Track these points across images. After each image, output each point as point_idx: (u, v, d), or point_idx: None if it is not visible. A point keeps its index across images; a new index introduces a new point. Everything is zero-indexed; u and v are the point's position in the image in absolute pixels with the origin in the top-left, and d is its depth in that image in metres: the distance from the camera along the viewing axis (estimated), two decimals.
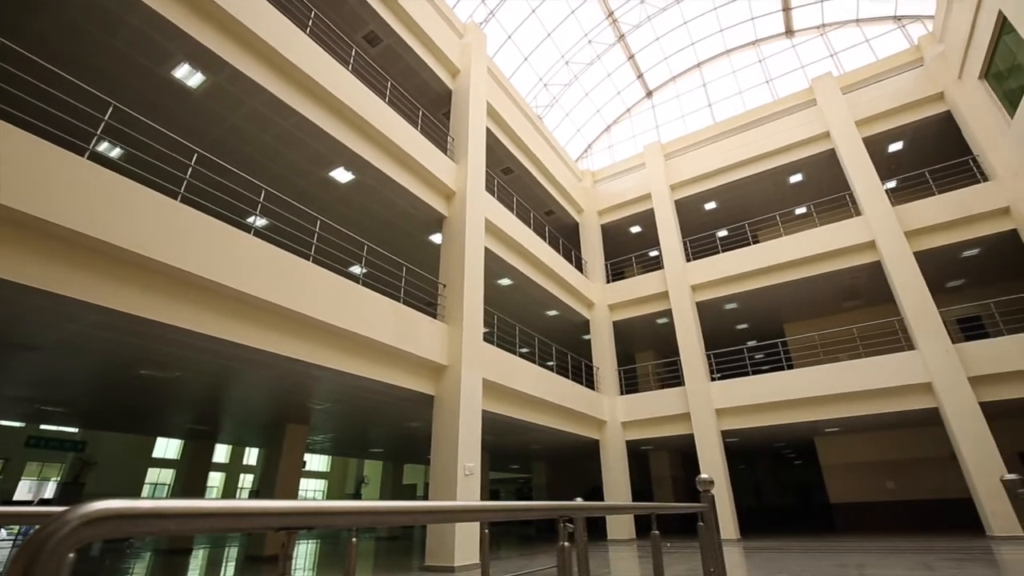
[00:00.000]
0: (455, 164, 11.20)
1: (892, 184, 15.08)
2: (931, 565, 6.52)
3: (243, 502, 1.01)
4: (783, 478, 25.34)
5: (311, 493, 34.62)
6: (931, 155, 14.66)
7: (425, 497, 20.20)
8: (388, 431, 14.21)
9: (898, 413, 11.79)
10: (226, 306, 6.13)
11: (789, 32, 20.08)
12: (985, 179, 12.48)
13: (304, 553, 12.84)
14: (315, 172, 9.35)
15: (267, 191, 7.66)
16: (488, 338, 11.38)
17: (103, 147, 7.91)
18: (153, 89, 7.44)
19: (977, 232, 12.05)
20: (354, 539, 1.79)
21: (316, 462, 34.79)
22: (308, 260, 7.17)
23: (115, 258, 5.19)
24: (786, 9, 19.40)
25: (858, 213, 13.56)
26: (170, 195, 5.71)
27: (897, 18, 17.78)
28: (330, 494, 35.45)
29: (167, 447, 26.55)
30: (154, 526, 0.82)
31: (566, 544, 2.17)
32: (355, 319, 7.48)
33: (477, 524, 7.72)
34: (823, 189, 15.91)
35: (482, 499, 12.66)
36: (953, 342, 11.32)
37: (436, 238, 11.42)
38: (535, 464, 23.76)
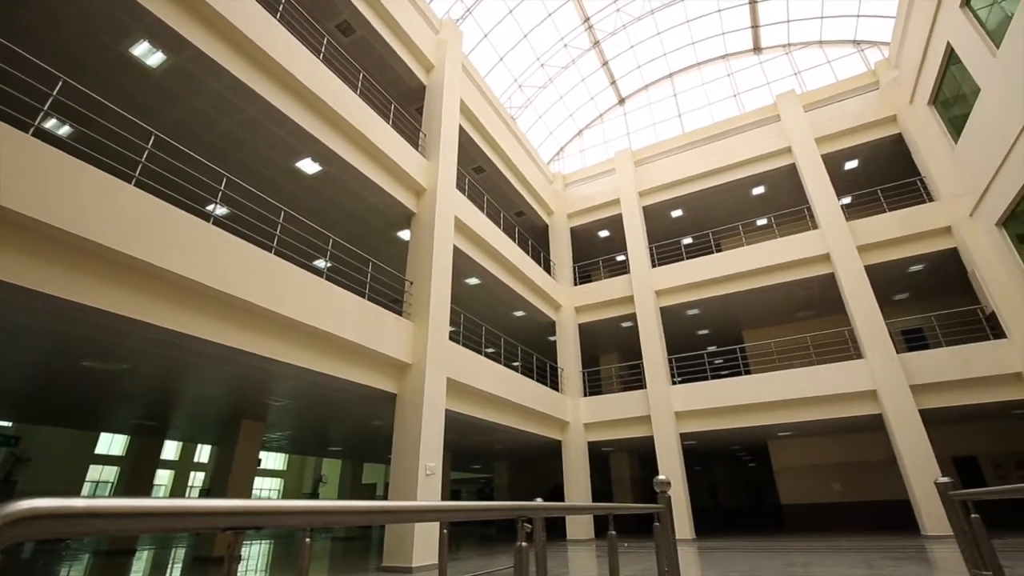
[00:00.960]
0: (426, 160, 11.09)
1: (847, 200, 15.78)
2: (871, 563, 6.85)
3: (184, 501, 0.96)
4: (737, 480, 26.19)
5: (266, 492, 33.60)
6: (884, 174, 15.44)
7: (385, 497, 19.92)
8: (349, 429, 13.94)
9: (846, 419, 12.34)
10: (180, 296, 5.87)
11: (757, 49, 20.77)
12: (931, 199, 13.21)
13: (256, 554, 12.45)
14: (281, 162, 9.09)
15: (229, 179, 7.38)
16: (454, 337, 11.31)
17: (50, 124, 7.47)
18: (108, 66, 7.07)
19: (922, 249, 12.75)
20: (308, 539, 1.74)
21: (272, 460, 33.81)
22: (271, 252, 6.96)
23: (53, 239, 4.87)
24: (754, 26, 20.06)
25: (815, 226, 14.14)
26: (124, 178, 5.44)
27: (856, 42, 18.64)
28: (286, 493, 34.51)
29: (111, 443, 25.25)
30: (88, 526, 0.77)
31: (524, 544, 2.17)
32: (318, 314, 7.30)
33: (437, 524, 7.65)
34: (783, 202, 16.53)
35: (443, 499, 12.58)
36: (897, 352, 11.93)
37: (405, 234, 11.28)
38: (497, 464, 23.77)
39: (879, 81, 14.85)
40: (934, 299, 15.01)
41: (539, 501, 2.94)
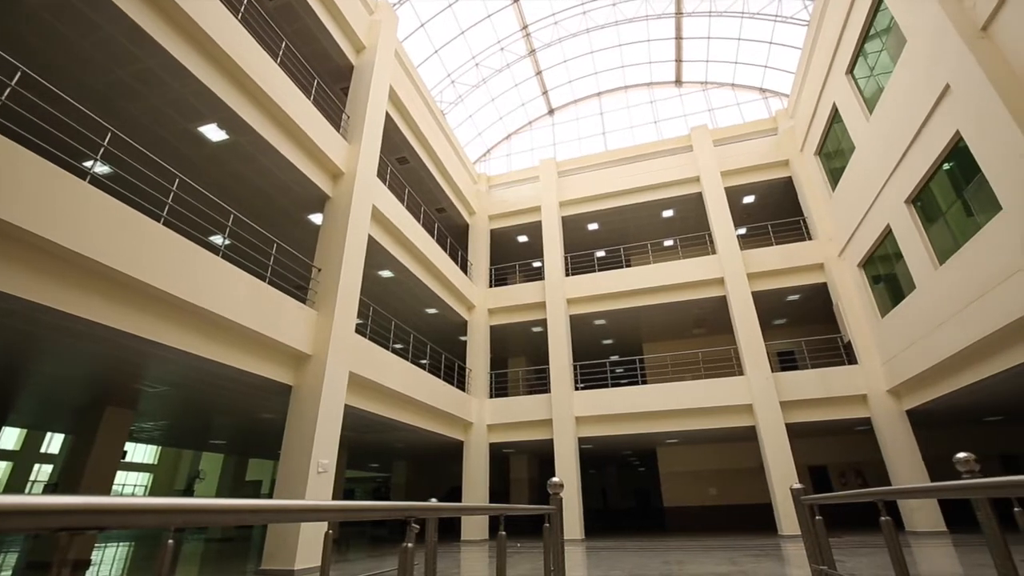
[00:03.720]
0: (347, 144, 10.59)
1: (743, 231, 17.37)
2: (735, 560, 7.53)
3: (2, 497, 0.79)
4: (627, 483, 27.70)
5: (130, 488, 30.13)
6: (774, 211, 17.18)
7: (271, 495, 18.69)
8: (235, 421, 12.89)
9: (726, 429, 13.51)
10: (27, 256, 5.02)
11: (678, 82, 22.27)
12: (810, 238, 14.89)
13: (111, 557, 11.10)
14: (181, 123, 8.21)
15: (115, 134, 6.52)
16: (361, 330, 10.89)
17: None
18: None
19: (799, 281, 14.33)
20: (170, 541, 1.54)
21: (141, 453, 30.41)
22: (159, 222, 6.23)
23: None
24: (678, 60, 21.49)
25: (714, 252, 15.39)
26: None
27: (762, 90, 20.62)
28: (155, 489, 31.17)
29: None
30: None
31: (410, 546, 2.10)
32: (208, 293, 6.66)
33: (324, 524, 7.30)
34: (689, 226, 17.82)
35: (336, 498, 12.01)
36: (772, 371, 13.30)
37: (317, 218, 10.67)
38: (396, 463, 23.22)
39: (778, 128, 16.51)
40: (805, 326, 16.93)
41: (433, 501, 2.88)
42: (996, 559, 2.02)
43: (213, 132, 8.42)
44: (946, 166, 9.12)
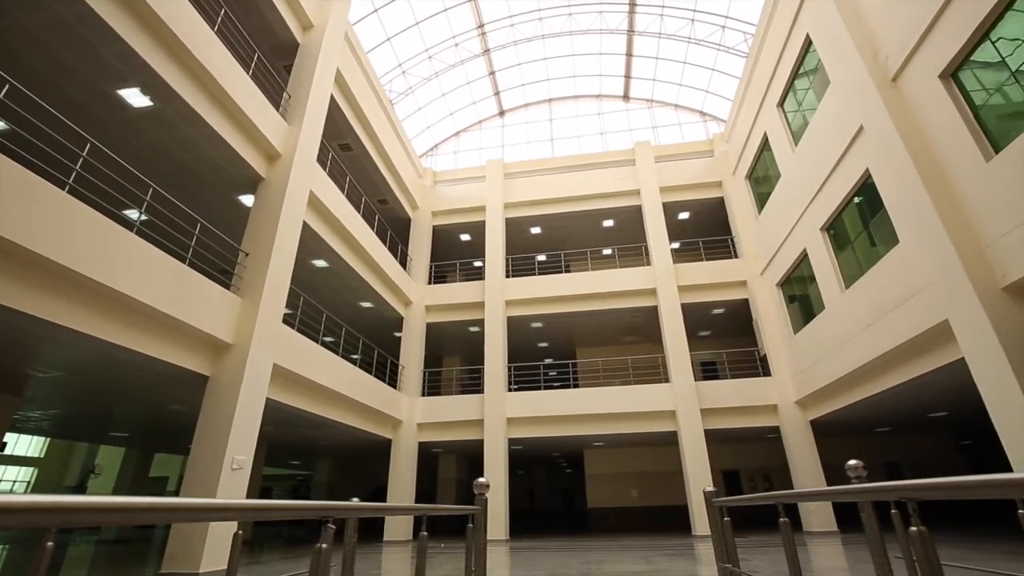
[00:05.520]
0: (287, 124, 10.09)
1: (676, 245, 18.21)
2: (650, 559, 7.86)
3: None
4: (554, 484, 28.20)
5: (8, 485, 27.01)
6: (707, 228, 18.15)
7: (178, 492, 17.40)
8: (142, 412, 11.90)
9: (650, 433, 14.08)
10: None
11: (626, 97, 23.03)
12: (736, 256, 15.85)
13: None
14: (98, 84, 7.47)
15: (13, 85, 5.81)
16: (289, 320, 10.40)
17: None
18: None
19: (724, 296, 15.22)
20: (50, 544, 1.37)
21: (24, 445, 27.34)
22: (63, 189, 5.63)
23: None
24: (627, 76, 22.23)
25: (648, 263, 16.02)
26: None
27: (703, 113, 21.74)
28: (40, 486, 28.09)
29: None
30: None
31: (324, 547, 2.00)
32: (116, 271, 6.09)
33: (234, 524, 6.88)
34: (627, 237, 18.45)
35: (251, 497, 11.35)
36: (696, 380, 14.02)
37: (249, 200, 10.08)
38: (320, 461, 22.36)
39: (714, 150, 17.46)
40: (727, 338, 18.00)
41: (355, 501, 2.78)
42: (874, 556, 2.22)
43: (135, 97, 7.73)
44: (856, 199, 10.01)
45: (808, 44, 11.18)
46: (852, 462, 2.34)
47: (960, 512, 16.37)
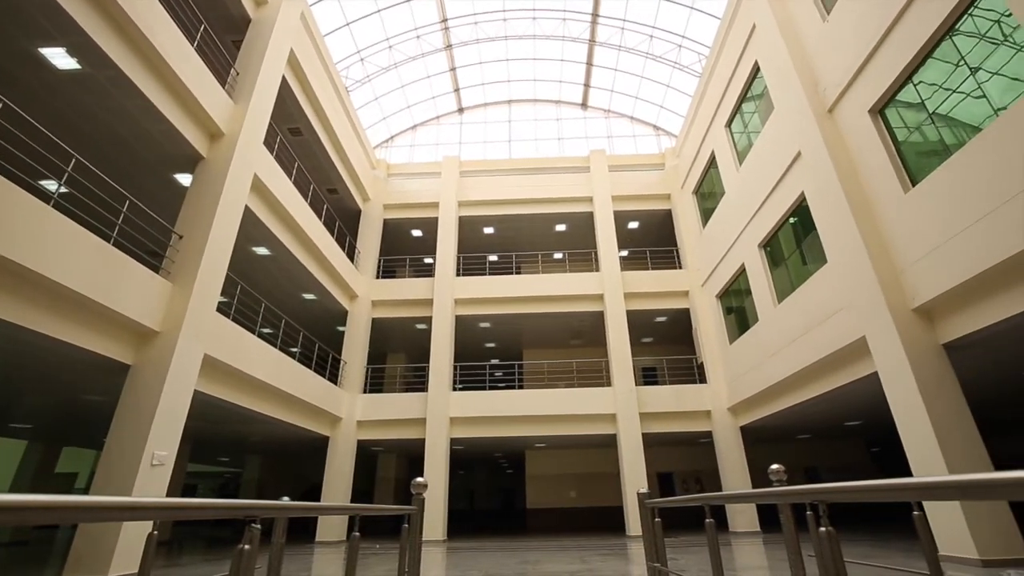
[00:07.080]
0: (233, 103, 9.57)
1: (624, 253, 18.72)
2: (585, 559, 8.02)
3: None
4: (494, 484, 28.27)
5: None
6: (655, 238, 18.76)
7: (88, 490, 16.07)
8: (50, 403, 10.89)
9: (590, 435, 14.37)
10: None
11: (584, 105, 23.44)
12: (680, 267, 16.49)
13: None
14: (17, 40, 6.79)
15: None
16: (224, 309, 9.87)
17: None
18: None
19: (667, 304, 15.78)
20: None
21: None
22: None
23: None
24: (587, 85, 22.63)
25: (597, 269, 16.37)
26: None
27: (656, 127, 22.47)
28: None
29: None
30: None
31: (246, 548, 1.89)
32: (25, 245, 5.55)
33: (148, 524, 6.45)
34: (578, 243, 18.78)
35: (173, 495, 10.65)
36: (637, 384, 14.44)
37: (186, 180, 9.47)
38: (250, 458, 21.35)
39: (665, 164, 18.08)
40: (668, 345, 18.67)
41: (285, 500, 2.65)
42: (790, 555, 2.35)
43: (60, 58, 7.09)
44: (792, 220, 10.65)
45: (756, 70, 11.80)
46: (774, 467, 2.47)
47: (886, 513, 17.75)
